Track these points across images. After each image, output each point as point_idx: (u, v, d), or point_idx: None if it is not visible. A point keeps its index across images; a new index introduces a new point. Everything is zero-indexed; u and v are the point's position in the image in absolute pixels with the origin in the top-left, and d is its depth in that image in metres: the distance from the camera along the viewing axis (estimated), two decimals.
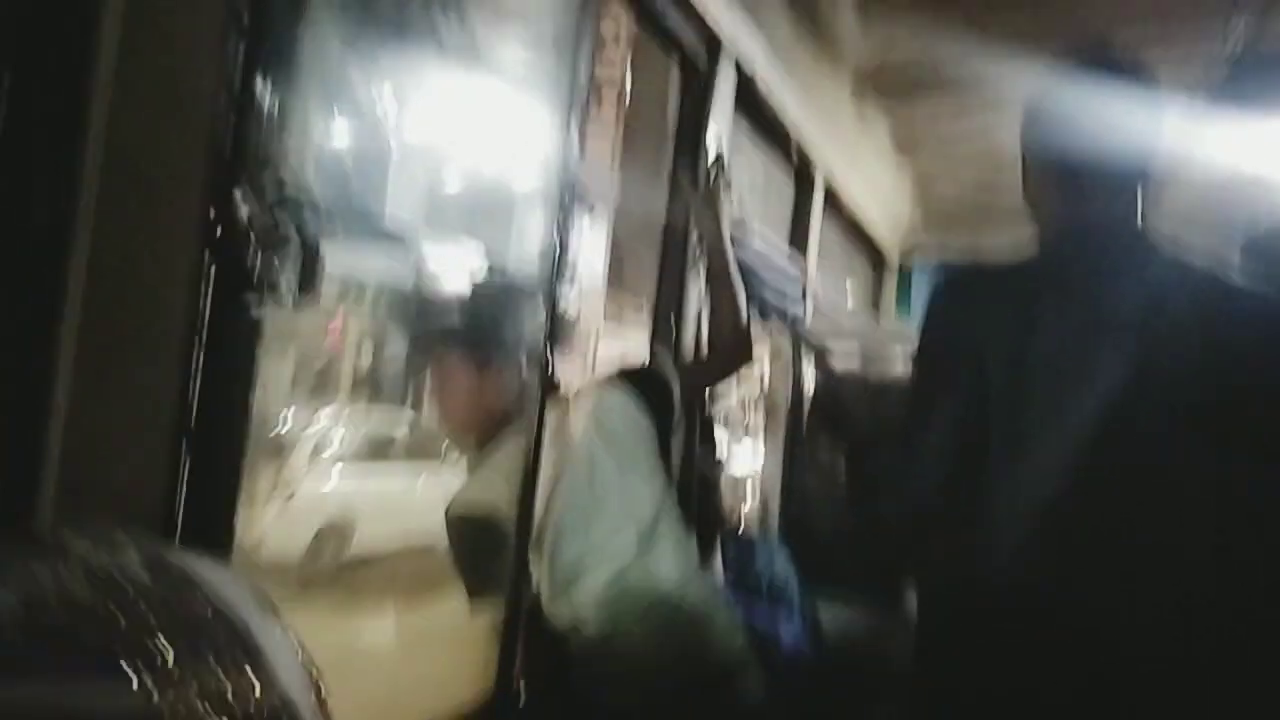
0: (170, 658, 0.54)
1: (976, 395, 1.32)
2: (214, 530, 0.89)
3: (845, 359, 3.22)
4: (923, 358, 1.45)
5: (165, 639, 0.55)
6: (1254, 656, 1.26)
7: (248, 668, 0.57)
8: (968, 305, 1.40)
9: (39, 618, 0.54)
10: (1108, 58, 1.41)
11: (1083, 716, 1.25)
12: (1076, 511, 1.28)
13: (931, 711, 1.41)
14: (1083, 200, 1.39)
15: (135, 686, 0.52)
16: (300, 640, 0.63)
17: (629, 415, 1.88)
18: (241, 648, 0.58)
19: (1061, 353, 1.31)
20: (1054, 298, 1.35)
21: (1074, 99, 1.41)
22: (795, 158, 3.21)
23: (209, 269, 0.90)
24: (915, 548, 1.54)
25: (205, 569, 0.62)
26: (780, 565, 2.61)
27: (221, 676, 0.56)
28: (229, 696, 0.55)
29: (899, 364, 3.13)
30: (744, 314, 2.14)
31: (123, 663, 0.53)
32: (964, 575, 1.37)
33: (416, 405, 9.53)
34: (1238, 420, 1.26)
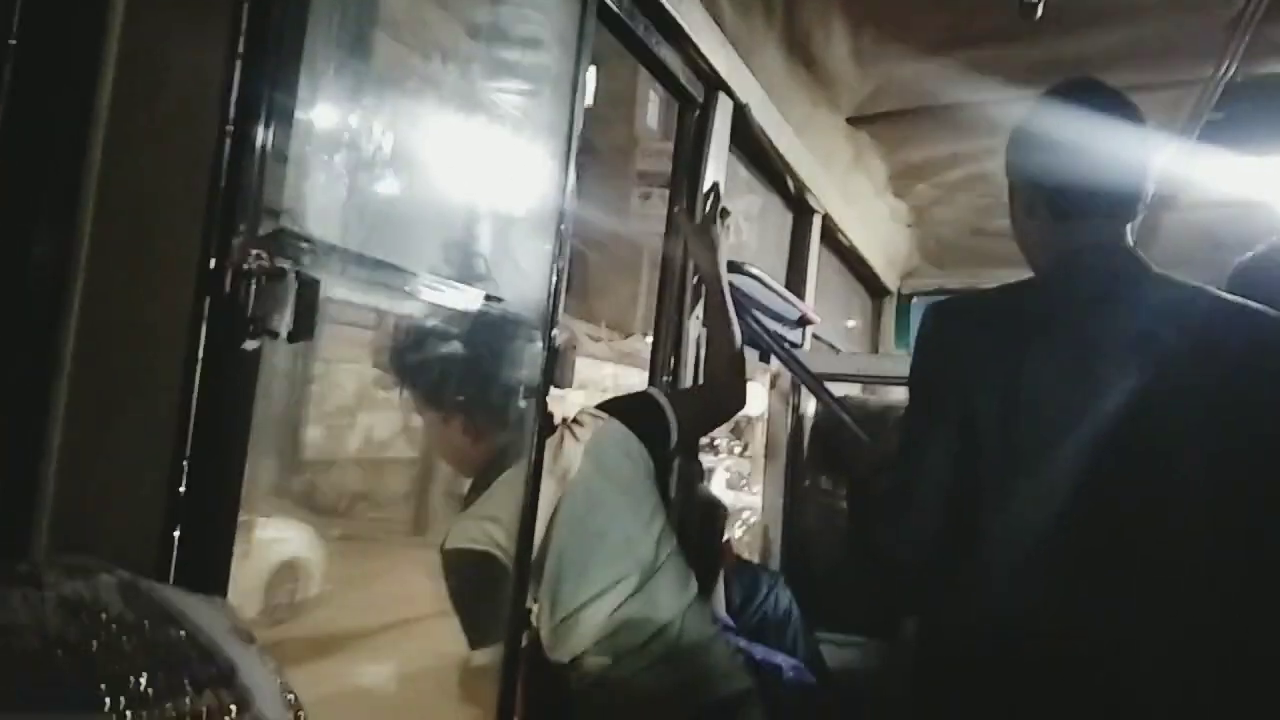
0: (145, 684, 0.54)
1: (967, 427, 1.32)
2: (208, 571, 0.89)
3: (845, 388, 3.23)
4: (914, 390, 1.45)
5: (140, 665, 0.55)
6: (1256, 690, 1.25)
7: (224, 692, 0.57)
8: (956, 337, 1.41)
9: (13, 646, 0.54)
10: (1094, 88, 1.43)
11: None
12: (1073, 542, 1.28)
13: None
14: (1072, 227, 1.40)
15: (110, 713, 0.52)
16: (278, 666, 0.63)
17: (626, 448, 1.88)
18: (217, 673, 0.58)
19: (1054, 381, 1.31)
20: (1046, 325, 1.35)
21: (1062, 127, 1.42)
22: (792, 191, 3.24)
23: (205, 308, 0.91)
24: (912, 580, 1.54)
25: (181, 598, 0.62)
26: (781, 598, 2.60)
27: (197, 702, 0.56)
28: None
29: (898, 393, 3.13)
30: (739, 344, 2.15)
31: (102, 687, 0.53)
32: (962, 608, 1.37)
33: None
34: (1236, 435, 1.26)
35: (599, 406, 2.01)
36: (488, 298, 1.52)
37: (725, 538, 2.59)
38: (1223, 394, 1.27)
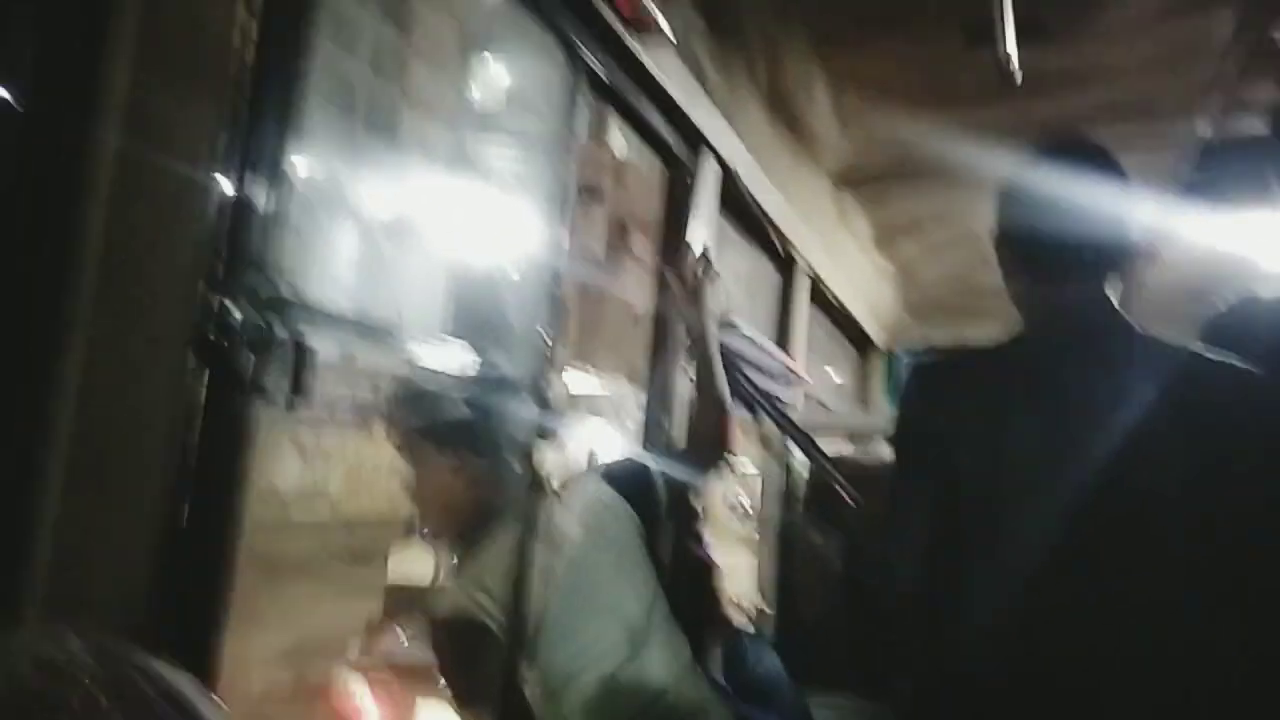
0: None
1: (949, 487, 1.32)
2: (198, 640, 0.88)
3: (836, 446, 3.23)
4: (896, 451, 1.45)
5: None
6: None
7: None
8: (936, 398, 1.41)
9: None
10: (1076, 146, 1.44)
11: None
12: (1056, 599, 1.28)
13: None
14: (1054, 287, 1.40)
15: None
16: None
17: (615, 512, 1.86)
18: None
19: (1035, 440, 1.31)
20: (1028, 385, 1.35)
21: (1045, 184, 1.43)
22: (779, 250, 3.27)
23: (201, 372, 0.91)
24: (899, 639, 1.53)
25: (153, 662, 0.61)
26: (770, 662, 2.57)
27: None
28: None
29: (888, 450, 3.13)
30: (727, 403, 2.15)
31: None
32: (948, 664, 1.36)
33: None
34: (1216, 489, 1.26)
35: (589, 470, 1.99)
36: (482, 360, 1.52)
37: (722, 601, 2.56)
38: (1203, 450, 1.27)
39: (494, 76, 1.55)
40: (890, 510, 1.43)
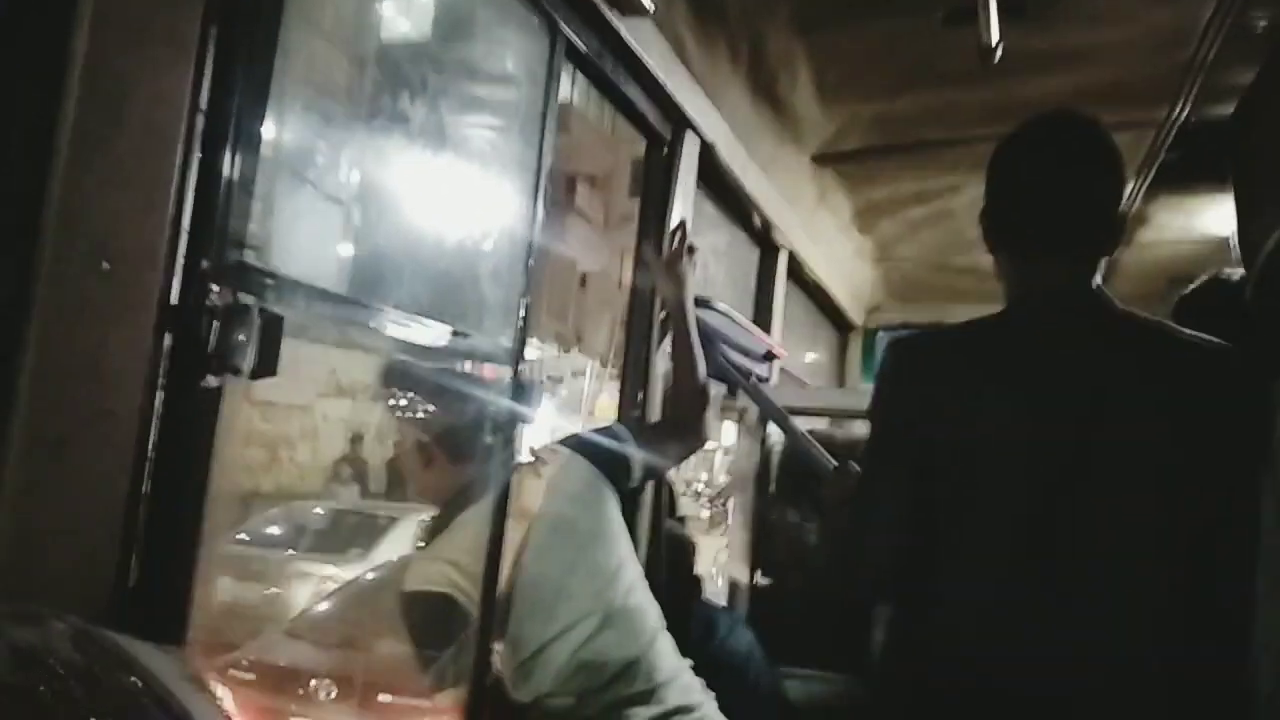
0: None
1: (924, 465, 1.32)
2: (166, 615, 0.87)
3: (812, 422, 3.24)
4: (872, 428, 1.45)
5: (92, 712, 0.54)
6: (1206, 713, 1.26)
7: None
8: (915, 374, 1.41)
9: None
10: (1065, 124, 1.43)
11: None
12: (1030, 577, 1.28)
13: None
14: (1038, 265, 1.40)
15: None
16: (230, 716, 0.62)
17: (590, 483, 1.87)
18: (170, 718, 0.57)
19: (1012, 418, 1.31)
20: (1007, 364, 1.35)
21: (1036, 159, 1.42)
22: (759, 228, 3.27)
23: (166, 344, 0.90)
24: (872, 614, 1.54)
25: (134, 646, 0.61)
26: (740, 638, 2.59)
27: None
28: None
29: (865, 427, 3.14)
30: (703, 379, 2.15)
31: None
32: (921, 642, 1.36)
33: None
34: (1192, 467, 1.27)
35: (562, 441, 1.99)
36: (454, 333, 1.51)
37: (696, 573, 2.58)
38: (1178, 427, 1.28)
39: (472, 46, 1.54)
40: (861, 491, 1.43)
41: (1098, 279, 1.39)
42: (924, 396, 1.37)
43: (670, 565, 2.43)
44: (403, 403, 1.76)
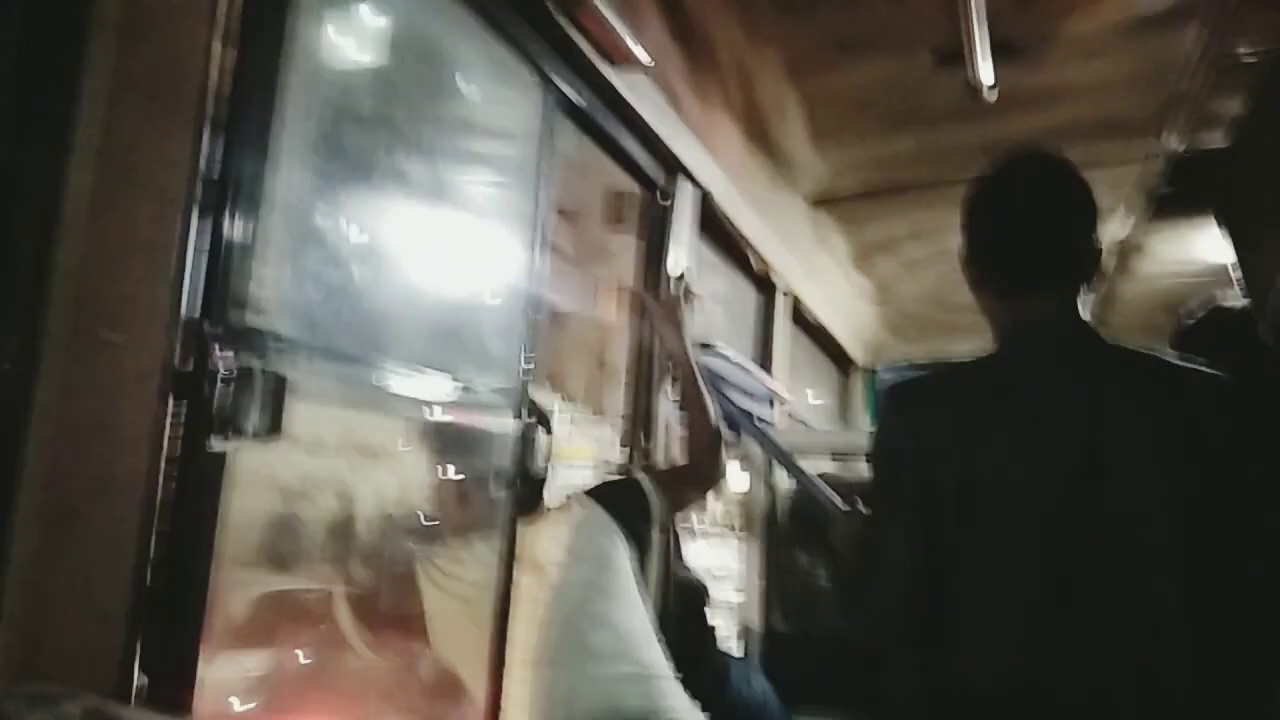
0: None
1: (928, 507, 1.32)
2: (175, 685, 0.86)
3: (818, 464, 3.23)
4: (874, 473, 1.45)
5: None
6: None
7: None
8: (913, 417, 1.41)
9: None
10: (1036, 161, 1.45)
11: None
12: (1040, 610, 1.28)
13: None
14: (1021, 302, 1.41)
15: None
16: None
17: (608, 535, 1.87)
18: None
19: (1011, 455, 1.31)
20: (1001, 400, 1.36)
21: (1008, 199, 1.44)
22: (758, 271, 3.28)
23: (170, 410, 0.90)
24: (884, 660, 1.52)
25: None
26: (758, 684, 2.56)
27: None
28: None
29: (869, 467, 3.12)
30: (715, 421, 2.16)
31: None
32: (936, 686, 1.35)
33: None
34: (1193, 492, 1.27)
35: (586, 492, 2.00)
36: (459, 386, 1.51)
37: (710, 621, 2.55)
38: (1177, 454, 1.28)
39: (470, 103, 1.55)
40: (867, 536, 1.42)
41: (1084, 311, 1.40)
42: (923, 438, 1.37)
43: (685, 613, 2.41)
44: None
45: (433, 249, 1.55)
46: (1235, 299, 1.73)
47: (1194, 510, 1.27)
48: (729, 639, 3.30)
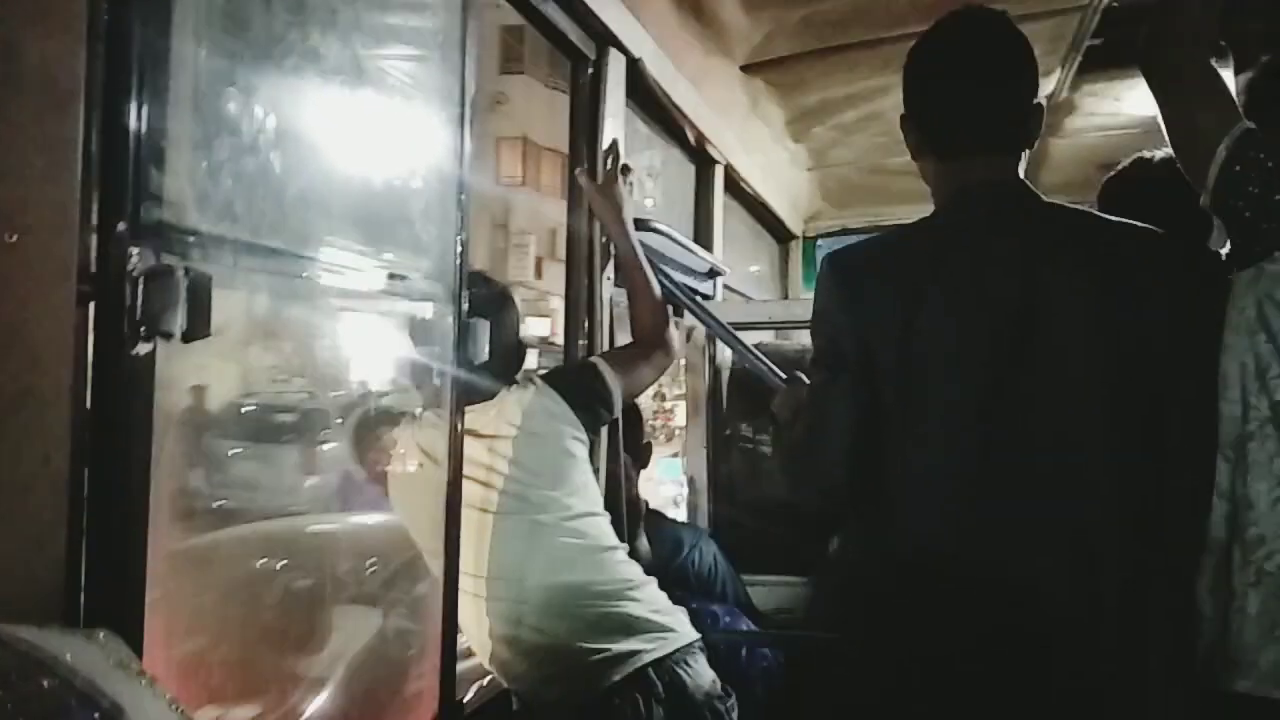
0: None
1: (867, 371, 1.34)
2: (121, 598, 0.85)
3: (759, 335, 3.26)
4: (814, 342, 1.47)
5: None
6: (1157, 604, 1.32)
7: None
8: (851, 285, 1.42)
9: None
10: (975, 21, 1.43)
11: (999, 668, 1.28)
12: (978, 464, 1.32)
13: (860, 674, 1.43)
14: (960, 164, 1.41)
15: None
16: (174, 697, 0.60)
17: (561, 418, 1.89)
18: (101, 716, 0.55)
19: (949, 316, 1.34)
20: (940, 263, 1.37)
21: (942, 63, 1.43)
22: (692, 143, 3.22)
23: (90, 314, 0.86)
24: (827, 522, 1.57)
25: (55, 640, 0.58)
26: (705, 552, 2.64)
27: None
28: None
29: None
30: (660, 298, 2.15)
31: None
32: (878, 545, 1.40)
33: None
34: (1124, 343, 1.30)
35: (543, 376, 2.00)
36: (391, 276, 1.48)
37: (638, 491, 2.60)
38: (1110, 313, 1.31)
39: None
40: (809, 403, 1.45)
41: (1020, 171, 1.41)
42: (862, 304, 1.38)
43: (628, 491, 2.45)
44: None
45: (354, 132, 1.48)
46: (1158, 151, 1.74)
47: (1125, 369, 1.30)
48: (679, 509, 3.38)
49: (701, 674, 1.81)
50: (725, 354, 3.22)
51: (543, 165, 19.99)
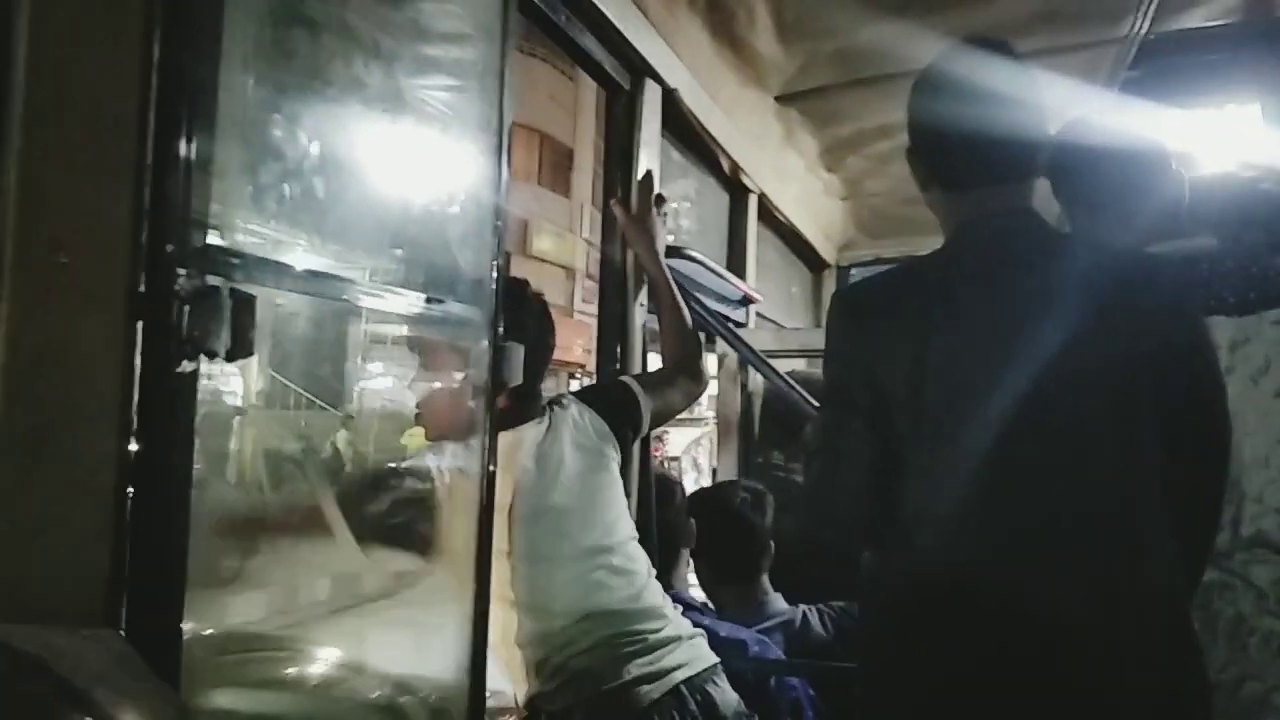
0: None
1: (880, 409, 1.34)
2: (162, 612, 0.87)
3: (791, 363, 3.25)
4: (826, 379, 1.47)
5: None
6: (1175, 629, 1.30)
7: None
8: (861, 321, 1.42)
9: None
10: (977, 46, 1.42)
11: (1021, 702, 1.27)
12: (993, 499, 1.31)
13: (880, 698, 1.42)
14: (967, 195, 1.41)
15: None
16: (179, 698, 0.60)
17: (598, 436, 1.91)
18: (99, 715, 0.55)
19: (960, 351, 1.33)
20: (949, 297, 1.36)
21: (951, 90, 1.42)
22: (726, 172, 3.25)
23: (137, 333, 0.88)
24: (845, 554, 1.57)
25: (55, 641, 0.59)
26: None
27: None
28: None
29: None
30: (691, 326, 2.17)
31: None
32: (898, 581, 1.39)
33: None
34: (1138, 374, 1.29)
35: (575, 394, 2.03)
36: (429, 300, 1.50)
37: (688, 517, 2.60)
38: (1121, 340, 1.30)
39: (422, 4, 1.50)
40: (821, 441, 1.45)
41: (1030, 201, 1.40)
42: (872, 340, 1.38)
43: (660, 510, 2.45)
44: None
45: (395, 160, 1.51)
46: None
47: (1138, 401, 1.30)
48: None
49: (728, 693, 1.83)
50: (757, 380, 3.22)
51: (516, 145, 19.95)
